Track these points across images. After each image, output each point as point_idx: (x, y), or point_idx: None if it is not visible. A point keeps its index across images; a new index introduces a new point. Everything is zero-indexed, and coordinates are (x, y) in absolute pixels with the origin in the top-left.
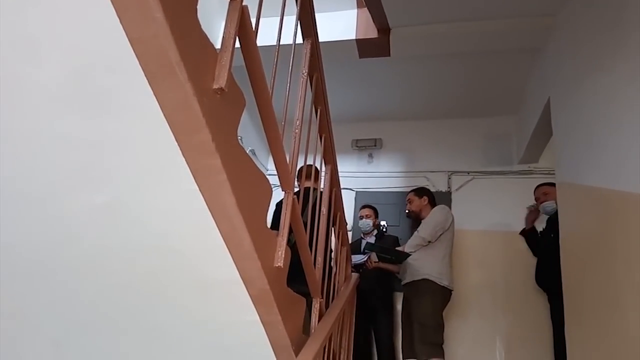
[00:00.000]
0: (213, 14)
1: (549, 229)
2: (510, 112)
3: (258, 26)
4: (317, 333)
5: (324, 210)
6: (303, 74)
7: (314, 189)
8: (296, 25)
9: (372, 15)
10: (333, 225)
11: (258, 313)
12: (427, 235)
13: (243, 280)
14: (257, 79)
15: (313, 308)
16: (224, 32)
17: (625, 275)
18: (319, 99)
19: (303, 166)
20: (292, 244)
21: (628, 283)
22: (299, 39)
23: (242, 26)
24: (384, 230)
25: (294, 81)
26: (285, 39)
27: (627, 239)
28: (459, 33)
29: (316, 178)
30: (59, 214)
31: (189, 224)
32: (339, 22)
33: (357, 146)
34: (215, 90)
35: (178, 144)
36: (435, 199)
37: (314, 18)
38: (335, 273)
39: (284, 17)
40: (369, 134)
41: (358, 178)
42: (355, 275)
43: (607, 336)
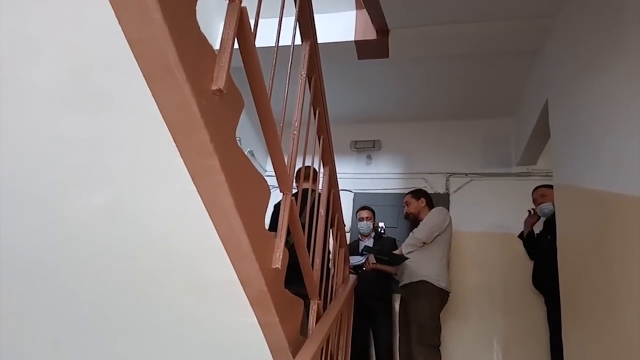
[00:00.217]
0: (212, 14)
1: (545, 231)
2: (509, 114)
3: (257, 28)
4: (315, 334)
5: (322, 211)
6: (302, 76)
7: (312, 191)
8: (295, 27)
9: (371, 17)
10: (331, 227)
11: (256, 314)
12: (423, 236)
13: (241, 282)
14: (256, 80)
15: (311, 309)
16: (223, 34)
17: (621, 277)
18: (318, 101)
19: (301, 167)
20: (290, 246)
21: (625, 285)
22: (298, 40)
23: (241, 27)
24: (382, 232)
25: (293, 82)
26: (284, 40)
27: (624, 241)
28: (458, 35)
29: (314, 179)
30: (58, 214)
31: (187, 225)
32: (337, 24)
33: (356, 147)
34: (213, 91)
35: (176, 145)
36: (432, 201)
37: (313, 19)
38: (333, 274)
39: (283, 18)
40: (367, 136)
41: (356, 179)
42: (353, 276)
43: (604, 337)
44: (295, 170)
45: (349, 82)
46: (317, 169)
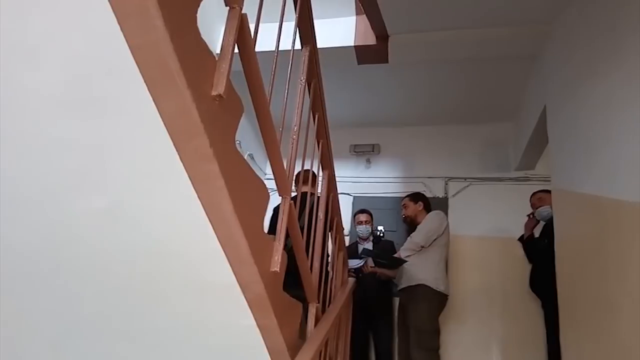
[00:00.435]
0: (213, 17)
1: (542, 235)
2: (508, 119)
3: (257, 34)
4: (313, 338)
5: (321, 215)
6: (301, 81)
7: (311, 194)
8: (295, 32)
9: (371, 22)
10: (330, 230)
11: (254, 317)
12: (421, 240)
13: (240, 285)
14: (256, 86)
15: (309, 313)
16: (223, 40)
17: (618, 281)
18: (317, 105)
19: (300, 171)
20: (289, 249)
21: (621, 288)
22: (298, 45)
23: (241, 34)
24: (380, 235)
25: (293, 86)
26: (284, 44)
27: (620, 246)
28: (457, 40)
29: (313, 182)
30: (59, 216)
31: (187, 229)
32: (338, 29)
33: (355, 151)
34: (213, 97)
35: (176, 150)
36: (430, 204)
37: (313, 25)
38: (331, 278)
39: (283, 23)
40: (367, 140)
41: (356, 183)
42: (351, 280)
43: (601, 340)
44: (295, 174)
45: (349, 87)
46: (317, 173)
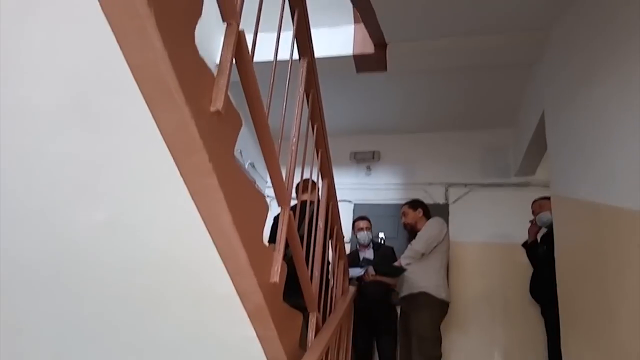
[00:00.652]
0: (212, 27)
1: (542, 241)
2: (507, 125)
3: (254, 49)
4: (314, 347)
5: (320, 224)
6: (300, 92)
7: (311, 202)
8: (292, 45)
9: (369, 31)
10: (330, 238)
11: (254, 328)
12: (421, 247)
13: (239, 295)
14: (254, 100)
15: (310, 322)
16: (221, 56)
17: (617, 287)
18: (316, 116)
19: (300, 181)
20: (289, 258)
21: (620, 295)
22: (295, 54)
23: (239, 50)
24: (381, 242)
25: (291, 96)
26: (282, 54)
27: (619, 253)
28: (454, 48)
29: (313, 190)
30: (59, 228)
31: (187, 240)
32: (336, 37)
33: (356, 158)
34: (212, 112)
35: (176, 164)
36: (429, 211)
37: (310, 37)
38: (332, 286)
39: (281, 33)
40: (367, 147)
41: (356, 190)
42: (352, 288)
43: (602, 347)
44: (294, 184)
45: (348, 94)
46: (316, 182)
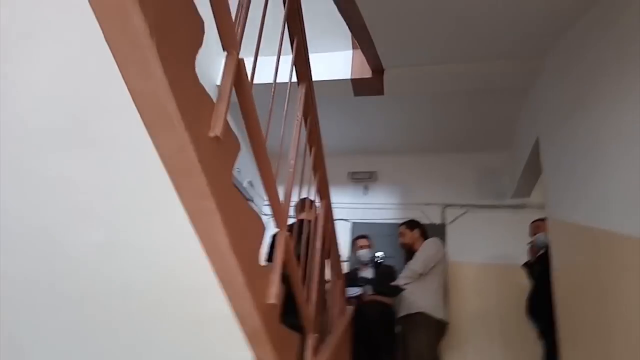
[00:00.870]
0: (211, 46)
1: (537, 261)
2: (502, 148)
3: (254, 75)
4: None
5: (318, 245)
6: (297, 117)
7: (309, 221)
8: (291, 71)
9: (366, 57)
10: (327, 258)
11: (252, 350)
12: (418, 268)
13: (237, 317)
14: (253, 127)
15: (307, 344)
16: (221, 83)
17: (614, 311)
18: (313, 139)
19: (298, 200)
20: (286, 277)
21: (617, 317)
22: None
23: (239, 78)
24: (381, 261)
25: (289, 117)
26: (281, 76)
27: (613, 277)
28: (450, 74)
29: (310, 208)
30: (57, 249)
31: (184, 263)
32: (335, 62)
33: (353, 178)
34: (211, 138)
35: (175, 187)
36: (427, 231)
37: (309, 63)
38: (329, 306)
39: (281, 56)
40: (364, 167)
41: (354, 209)
42: (350, 308)
43: None
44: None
45: (346, 116)
46: (314, 200)
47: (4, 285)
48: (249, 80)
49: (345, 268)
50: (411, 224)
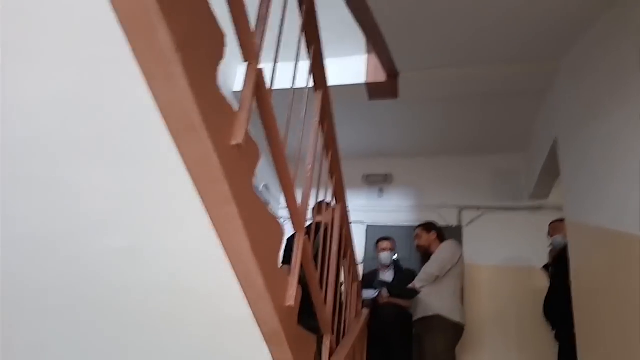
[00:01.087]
0: (229, 53)
1: (554, 263)
2: (519, 149)
3: (272, 85)
4: None
5: (334, 247)
6: (315, 122)
7: (325, 224)
8: (308, 80)
9: (381, 61)
10: (344, 259)
11: (270, 351)
12: (435, 270)
13: (256, 319)
14: (273, 135)
15: (324, 345)
16: (242, 93)
17: (632, 313)
18: (330, 144)
19: (315, 204)
20: (303, 279)
21: (636, 318)
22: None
23: (258, 87)
24: (398, 261)
25: (307, 123)
26: (299, 82)
27: (632, 280)
28: (465, 77)
29: (327, 210)
30: (79, 255)
31: (205, 267)
32: (349, 67)
33: (368, 181)
34: (233, 146)
35: (199, 194)
36: (443, 233)
37: (325, 72)
38: (345, 308)
39: (298, 62)
40: (379, 170)
41: (369, 212)
42: (365, 311)
43: None
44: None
45: (361, 120)
46: (330, 203)
47: (29, 292)
48: (268, 90)
49: (359, 270)
50: (428, 226)
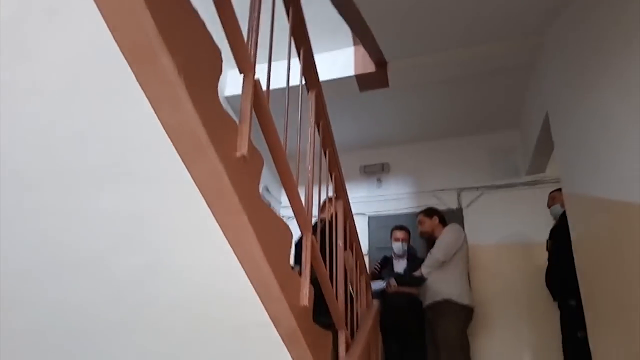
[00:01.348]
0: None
1: (551, 235)
2: (513, 126)
3: (269, 95)
4: None
5: (340, 243)
6: (310, 122)
7: (329, 221)
8: (301, 80)
9: (368, 51)
10: (350, 252)
11: (289, 352)
12: (441, 255)
13: (273, 322)
14: (273, 141)
15: (339, 340)
16: (241, 105)
17: (635, 280)
18: (327, 142)
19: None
20: (314, 279)
21: (638, 282)
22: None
23: (256, 97)
24: (411, 250)
25: (302, 123)
26: (293, 81)
27: (633, 246)
28: (452, 59)
29: (329, 206)
30: (102, 276)
31: (222, 277)
32: (337, 60)
33: (365, 172)
34: (238, 157)
35: (209, 207)
36: (445, 217)
37: (316, 71)
38: (356, 301)
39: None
40: (376, 159)
41: (369, 202)
42: (376, 302)
43: (630, 341)
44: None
45: (354, 111)
46: (332, 199)
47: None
48: (265, 99)
49: (365, 261)
50: (429, 212)
